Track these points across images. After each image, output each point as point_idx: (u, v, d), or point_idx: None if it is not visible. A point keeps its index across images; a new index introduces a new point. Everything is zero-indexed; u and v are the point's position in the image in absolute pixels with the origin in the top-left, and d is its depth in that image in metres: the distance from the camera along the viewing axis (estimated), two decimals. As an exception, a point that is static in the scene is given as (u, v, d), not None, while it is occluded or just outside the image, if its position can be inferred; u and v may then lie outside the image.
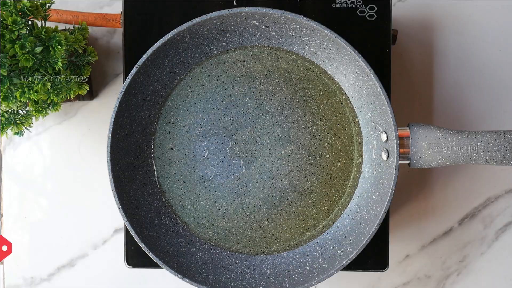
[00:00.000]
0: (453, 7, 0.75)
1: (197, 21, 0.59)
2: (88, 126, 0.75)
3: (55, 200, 0.75)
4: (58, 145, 0.75)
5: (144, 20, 0.67)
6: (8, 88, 0.58)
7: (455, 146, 0.60)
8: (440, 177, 0.76)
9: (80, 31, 0.64)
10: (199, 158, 0.67)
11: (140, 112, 0.65)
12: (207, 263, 0.65)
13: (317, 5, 0.67)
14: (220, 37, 0.64)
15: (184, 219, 0.67)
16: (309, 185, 0.67)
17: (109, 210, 0.74)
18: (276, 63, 0.66)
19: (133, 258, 0.67)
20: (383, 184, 0.62)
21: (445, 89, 0.75)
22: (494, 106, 0.75)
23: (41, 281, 0.75)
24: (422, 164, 0.61)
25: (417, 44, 0.76)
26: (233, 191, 0.67)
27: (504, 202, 0.76)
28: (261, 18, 0.61)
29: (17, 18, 0.56)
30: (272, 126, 0.66)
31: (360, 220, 0.64)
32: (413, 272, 0.76)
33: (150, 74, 0.63)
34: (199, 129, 0.66)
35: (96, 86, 0.75)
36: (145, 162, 0.66)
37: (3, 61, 0.56)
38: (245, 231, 0.67)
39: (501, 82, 0.76)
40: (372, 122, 0.64)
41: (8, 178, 0.75)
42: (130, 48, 0.67)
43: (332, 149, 0.66)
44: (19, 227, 0.75)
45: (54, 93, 0.61)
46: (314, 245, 0.67)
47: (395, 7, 0.75)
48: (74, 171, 0.75)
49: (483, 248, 0.76)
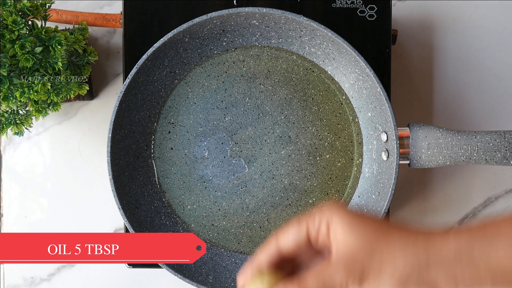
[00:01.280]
0: (453, 7, 0.75)
1: (197, 21, 0.59)
2: (88, 126, 0.75)
3: (55, 200, 0.75)
4: (58, 145, 0.75)
5: (144, 20, 0.67)
6: (8, 88, 0.58)
7: (455, 146, 0.60)
8: (440, 177, 0.76)
9: (80, 31, 0.64)
10: (199, 158, 0.67)
11: (140, 112, 0.65)
12: (207, 263, 0.65)
13: (317, 5, 0.67)
14: (220, 37, 0.64)
15: (184, 219, 0.67)
16: (309, 185, 0.67)
17: (109, 210, 0.74)
18: (276, 63, 0.66)
19: (133, 258, 0.67)
20: (383, 184, 0.62)
21: (445, 89, 0.75)
22: (494, 106, 0.75)
23: (41, 281, 0.75)
24: (422, 164, 0.61)
25: (417, 44, 0.75)
26: (233, 191, 0.67)
27: (504, 202, 0.76)
28: (261, 18, 0.61)
29: (17, 18, 0.56)
30: (272, 126, 0.66)
31: (360, 220, 0.64)
32: (413, 272, 0.76)
33: (150, 74, 0.63)
34: (199, 129, 0.66)
35: (96, 86, 0.75)
36: (145, 162, 0.66)
37: (3, 61, 0.56)
38: (245, 231, 0.67)
39: (501, 82, 0.76)
40: (372, 122, 0.64)
41: (8, 178, 0.75)
42: (130, 48, 0.67)
43: (332, 149, 0.66)
44: (19, 227, 0.75)
45: (54, 93, 0.61)
46: (314, 245, 0.66)
47: (395, 7, 0.75)
48: (74, 171, 0.75)
49: (483, 248, 0.76)
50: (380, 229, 0.40)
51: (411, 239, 0.40)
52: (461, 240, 0.39)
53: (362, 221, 0.40)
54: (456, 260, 0.38)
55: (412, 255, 0.39)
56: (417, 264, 0.39)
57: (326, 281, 0.40)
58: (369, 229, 0.40)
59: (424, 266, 0.39)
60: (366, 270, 0.39)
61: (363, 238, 0.40)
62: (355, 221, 0.40)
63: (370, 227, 0.40)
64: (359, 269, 0.39)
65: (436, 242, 0.39)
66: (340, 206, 0.41)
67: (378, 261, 0.39)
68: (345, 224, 0.40)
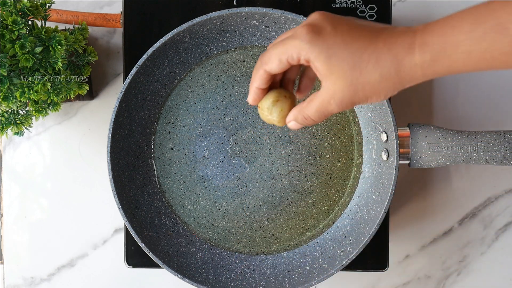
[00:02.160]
0: (453, 7, 0.75)
1: (197, 21, 0.59)
2: (88, 126, 0.75)
3: (55, 200, 0.75)
4: (58, 145, 0.75)
5: (144, 20, 0.67)
6: (8, 88, 0.58)
7: (455, 146, 0.60)
8: (440, 177, 0.76)
9: (80, 31, 0.64)
10: (199, 158, 0.67)
11: (140, 112, 0.65)
12: (207, 263, 0.65)
13: (317, 5, 0.67)
14: (220, 37, 0.64)
15: (184, 219, 0.67)
16: (309, 185, 0.67)
17: (109, 210, 0.74)
18: (276, 63, 0.66)
19: (133, 258, 0.67)
20: (383, 184, 0.62)
21: (445, 89, 0.75)
22: (494, 106, 0.75)
23: (41, 281, 0.75)
24: (422, 164, 0.61)
25: (417, 44, 0.75)
26: (233, 191, 0.67)
27: (504, 202, 0.76)
28: (261, 18, 0.61)
29: (17, 18, 0.56)
30: (272, 126, 0.66)
31: (360, 220, 0.64)
32: (413, 272, 0.76)
33: (150, 74, 0.63)
34: (199, 129, 0.66)
35: (96, 86, 0.75)
36: (145, 162, 0.66)
37: (3, 61, 0.56)
38: (245, 231, 0.67)
39: (501, 82, 0.76)
40: (372, 122, 0.64)
41: (8, 178, 0.75)
42: (130, 48, 0.67)
43: (332, 149, 0.66)
44: (19, 227, 0.75)
45: (54, 93, 0.61)
46: (314, 245, 0.67)
47: (395, 7, 0.75)
48: (74, 171, 0.75)
49: (483, 248, 0.76)
50: (355, 59, 0.43)
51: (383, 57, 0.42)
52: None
53: (338, 52, 0.43)
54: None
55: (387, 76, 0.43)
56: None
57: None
58: (345, 60, 0.43)
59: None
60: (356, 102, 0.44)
61: (341, 75, 0.43)
62: (331, 55, 0.43)
63: (346, 55, 0.43)
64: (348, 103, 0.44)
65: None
66: (312, 36, 0.43)
67: (362, 91, 0.43)
68: (323, 61, 0.43)
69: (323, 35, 0.43)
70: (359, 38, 0.43)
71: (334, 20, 0.44)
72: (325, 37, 0.43)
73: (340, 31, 0.43)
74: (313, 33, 0.43)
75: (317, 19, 0.45)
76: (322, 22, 0.44)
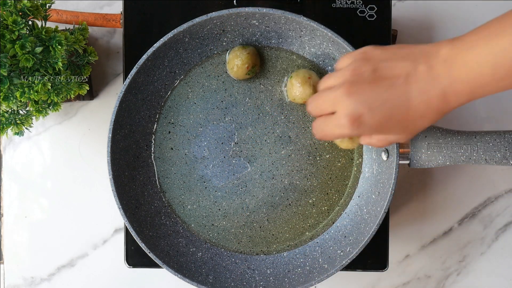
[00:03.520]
0: (453, 7, 0.75)
1: (197, 21, 0.59)
2: (88, 126, 0.75)
3: (55, 200, 0.75)
4: (58, 145, 0.75)
5: (144, 20, 0.67)
6: (8, 88, 0.58)
7: (455, 146, 0.60)
8: (440, 177, 0.76)
9: (80, 31, 0.64)
10: (199, 158, 0.67)
11: (140, 112, 0.65)
12: (207, 263, 0.65)
13: (317, 5, 0.67)
14: (220, 37, 0.64)
15: (184, 219, 0.67)
16: (309, 185, 0.67)
17: (109, 210, 0.74)
18: (276, 63, 0.66)
19: (133, 258, 0.67)
20: (383, 184, 0.62)
21: (445, 89, 0.75)
22: (494, 106, 0.76)
23: (41, 281, 0.75)
24: (422, 164, 0.61)
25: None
26: (233, 191, 0.67)
27: (504, 202, 0.76)
28: (261, 18, 0.61)
29: (17, 18, 0.56)
30: (272, 126, 0.66)
31: (360, 220, 0.64)
32: (413, 272, 0.76)
33: (150, 74, 0.63)
34: (199, 129, 0.67)
35: (96, 86, 0.75)
36: (145, 162, 0.66)
37: (3, 61, 0.56)
38: (245, 231, 0.67)
39: (501, 82, 0.75)
40: (372, 122, 0.64)
41: (8, 178, 0.75)
42: (130, 48, 0.67)
43: (332, 149, 0.67)
44: (19, 227, 0.75)
45: (54, 93, 0.61)
46: (314, 245, 0.67)
47: (395, 7, 0.75)
48: (74, 171, 0.75)
49: (483, 248, 0.76)
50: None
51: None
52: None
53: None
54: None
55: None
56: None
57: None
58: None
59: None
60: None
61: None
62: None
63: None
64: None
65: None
66: (355, 130, 0.50)
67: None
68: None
69: (363, 124, 0.49)
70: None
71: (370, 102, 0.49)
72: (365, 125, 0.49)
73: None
74: (356, 125, 0.49)
75: (354, 105, 0.49)
76: (361, 107, 0.49)
